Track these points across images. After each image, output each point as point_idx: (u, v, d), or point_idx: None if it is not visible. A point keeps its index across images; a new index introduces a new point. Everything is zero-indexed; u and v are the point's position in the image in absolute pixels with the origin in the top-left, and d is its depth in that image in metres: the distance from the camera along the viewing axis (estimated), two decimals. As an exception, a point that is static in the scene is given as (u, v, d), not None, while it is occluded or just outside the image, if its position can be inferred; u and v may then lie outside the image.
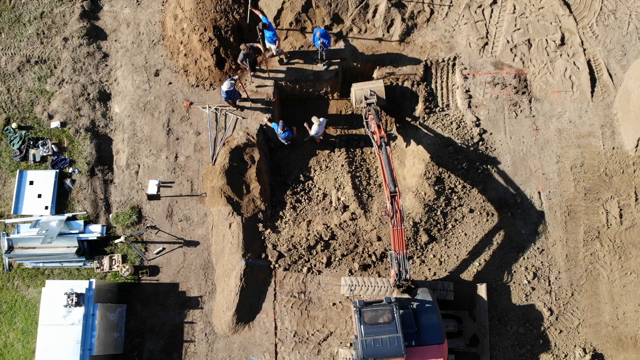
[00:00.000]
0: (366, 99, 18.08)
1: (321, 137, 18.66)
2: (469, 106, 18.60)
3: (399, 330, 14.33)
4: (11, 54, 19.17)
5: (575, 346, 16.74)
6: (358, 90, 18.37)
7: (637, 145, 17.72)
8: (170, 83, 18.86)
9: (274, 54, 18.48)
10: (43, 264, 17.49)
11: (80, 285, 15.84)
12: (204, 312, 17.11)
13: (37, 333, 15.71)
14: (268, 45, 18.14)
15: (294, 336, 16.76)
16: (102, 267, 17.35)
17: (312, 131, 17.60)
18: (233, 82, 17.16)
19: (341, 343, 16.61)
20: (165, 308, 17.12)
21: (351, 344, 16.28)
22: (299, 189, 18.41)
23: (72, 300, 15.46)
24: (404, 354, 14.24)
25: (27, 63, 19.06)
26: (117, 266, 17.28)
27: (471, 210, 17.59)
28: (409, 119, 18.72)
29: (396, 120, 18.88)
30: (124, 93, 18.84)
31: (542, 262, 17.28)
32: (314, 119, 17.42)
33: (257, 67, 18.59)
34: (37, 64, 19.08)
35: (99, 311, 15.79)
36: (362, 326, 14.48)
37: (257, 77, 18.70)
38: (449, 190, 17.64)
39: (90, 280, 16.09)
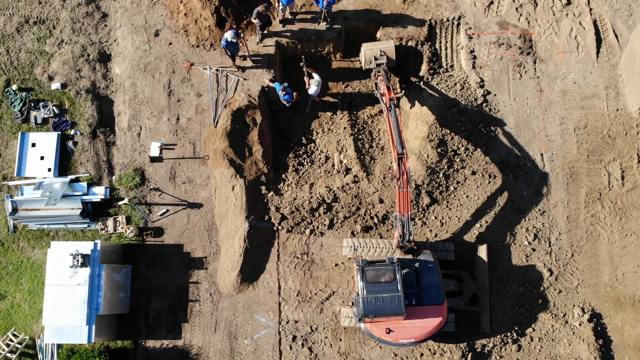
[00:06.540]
0: (376, 59, 17.87)
1: (319, 99, 18.58)
2: (473, 67, 18.39)
3: (400, 289, 14.53)
4: (9, 14, 18.87)
5: (574, 306, 17.00)
6: (368, 50, 18.14)
7: (641, 107, 17.64)
8: (170, 43, 18.62)
9: (281, 10, 18.16)
10: (48, 226, 17.63)
11: (86, 247, 16.00)
12: (208, 273, 17.34)
13: (44, 293, 15.94)
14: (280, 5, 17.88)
15: (297, 295, 17.02)
16: (106, 229, 17.49)
17: (311, 91, 17.51)
18: (237, 33, 16.85)
19: (343, 302, 16.89)
20: (170, 269, 17.34)
21: (353, 303, 16.55)
22: (301, 152, 18.37)
23: (77, 261, 15.65)
24: (404, 312, 14.49)
25: (26, 23, 18.78)
26: (122, 228, 17.41)
27: (473, 173, 17.60)
28: (414, 79, 18.55)
29: (400, 80, 18.70)
30: (124, 54, 18.62)
31: (543, 224, 17.40)
32: (313, 81, 17.34)
33: (267, 32, 18.30)
34: (36, 25, 18.79)
35: (104, 272, 16.01)
36: (364, 284, 14.68)
37: (265, 37, 18.45)
38: (452, 153, 17.62)
39: (95, 241, 16.25)
